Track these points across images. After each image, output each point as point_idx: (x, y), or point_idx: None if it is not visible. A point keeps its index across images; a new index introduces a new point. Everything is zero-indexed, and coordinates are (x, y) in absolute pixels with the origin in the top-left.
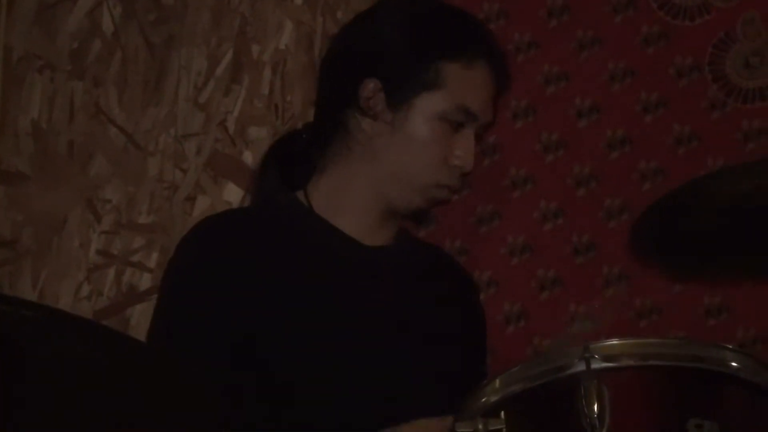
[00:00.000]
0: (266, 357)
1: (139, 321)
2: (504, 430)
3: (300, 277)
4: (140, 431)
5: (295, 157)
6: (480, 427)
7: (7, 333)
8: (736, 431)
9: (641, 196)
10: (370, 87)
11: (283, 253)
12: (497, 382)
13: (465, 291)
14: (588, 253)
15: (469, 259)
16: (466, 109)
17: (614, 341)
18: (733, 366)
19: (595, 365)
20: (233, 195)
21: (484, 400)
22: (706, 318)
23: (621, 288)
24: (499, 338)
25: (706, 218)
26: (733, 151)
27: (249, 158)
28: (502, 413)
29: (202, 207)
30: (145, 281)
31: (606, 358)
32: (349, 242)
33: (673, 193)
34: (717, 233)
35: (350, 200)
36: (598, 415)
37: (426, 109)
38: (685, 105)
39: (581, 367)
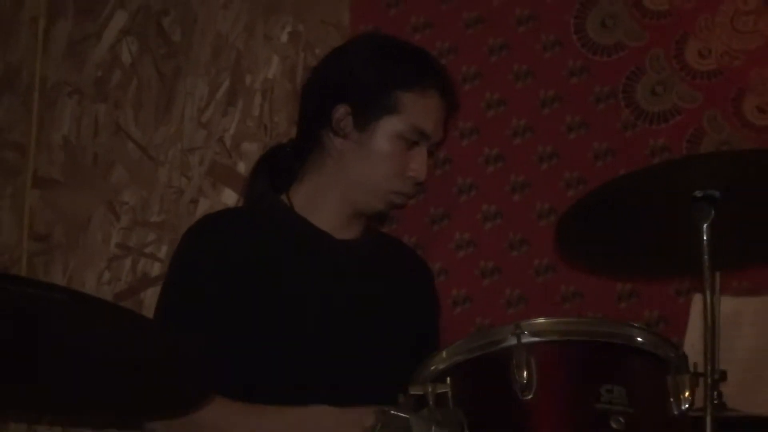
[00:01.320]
0: (247, 328)
1: (151, 303)
2: (449, 392)
3: (281, 263)
4: (152, 397)
5: (280, 167)
6: (429, 390)
7: (41, 313)
8: (640, 394)
9: (566, 201)
10: (341, 111)
11: (269, 244)
12: (444, 354)
13: (422, 276)
14: (522, 247)
15: (423, 252)
16: (420, 129)
17: (541, 320)
18: (639, 341)
19: (524, 340)
20: (229, 198)
21: (432, 368)
22: (618, 301)
23: None
24: (448, 318)
25: (617, 217)
26: (642, 164)
27: (242, 168)
28: (448, 379)
29: (203, 208)
30: (156, 269)
31: (534, 334)
32: (323, 236)
33: (589, 196)
34: (626, 230)
35: (324, 202)
36: (526, 381)
37: (387, 130)
38: (603, 126)
39: (513, 341)
